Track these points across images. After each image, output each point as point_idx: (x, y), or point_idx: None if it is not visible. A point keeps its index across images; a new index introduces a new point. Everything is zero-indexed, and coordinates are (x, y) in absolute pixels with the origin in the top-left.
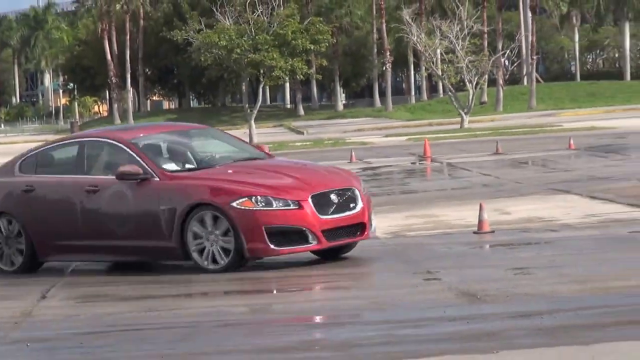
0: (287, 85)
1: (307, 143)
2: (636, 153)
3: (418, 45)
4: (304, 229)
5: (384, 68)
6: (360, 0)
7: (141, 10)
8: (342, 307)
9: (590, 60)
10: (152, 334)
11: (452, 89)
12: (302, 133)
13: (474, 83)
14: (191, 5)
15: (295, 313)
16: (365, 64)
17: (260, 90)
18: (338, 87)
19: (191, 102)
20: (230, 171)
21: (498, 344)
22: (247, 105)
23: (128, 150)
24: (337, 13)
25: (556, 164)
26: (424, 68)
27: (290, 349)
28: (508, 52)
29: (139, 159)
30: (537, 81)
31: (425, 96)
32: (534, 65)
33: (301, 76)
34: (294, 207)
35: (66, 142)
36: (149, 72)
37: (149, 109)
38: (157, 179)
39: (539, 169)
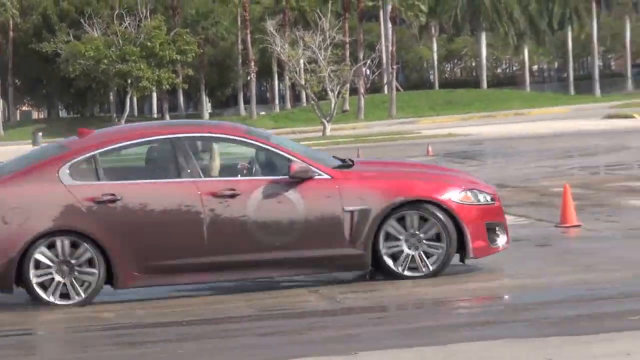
0: (155, 95)
1: None
2: (492, 159)
3: (282, 55)
4: (503, 225)
5: (249, 78)
6: (225, 12)
7: (11, 22)
8: None
9: (448, 69)
10: None
11: (314, 97)
12: None
13: (336, 92)
14: (60, 17)
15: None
16: (231, 74)
17: (128, 100)
18: (204, 97)
19: (60, 112)
20: (392, 168)
21: None
22: (115, 115)
23: (266, 146)
24: (203, 24)
25: None
26: (287, 78)
27: None
28: (369, 61)
29: (294, 156)
30: (397, 90)
31: (289, 105)
32: (394, 75)
33: (168, 86)
34: (494, 202)
35: (143, 140)
36: (18, 83)
37: (18, 118)
38: (329, 177)
39: None
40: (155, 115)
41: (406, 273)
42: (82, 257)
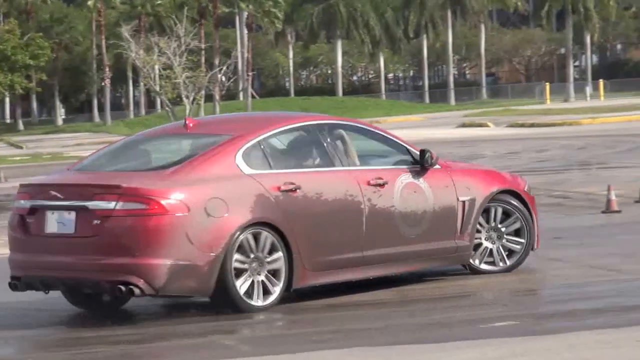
0: (7, 100)
1: (26, 157)
2: None
3: (137, 61)
4: None
5: (103, 84)
6: (80, 17)
7: None
8: None
9: (305, 76)
10: None
11: (169, 104)
12: (22, 147)
13: (191, 98)
14: None
15: None
16: (85, 79)
17: None
18: (57, 102)
19: None
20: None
21: None
22: None
23: (388, 136)
24: (57, 29)
25: None
26: (142, 84)
27: None
28: (225, 68)
29: (407, 145)
30: (253, 97)
31: (143, 111)
32: (250, 81)
33: (21, 91)
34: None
35: (293, 126)
36: None
37: None
38: (439, 167)
39: None
40: (8, 121)
41: (482, 267)
42: (273, 255)
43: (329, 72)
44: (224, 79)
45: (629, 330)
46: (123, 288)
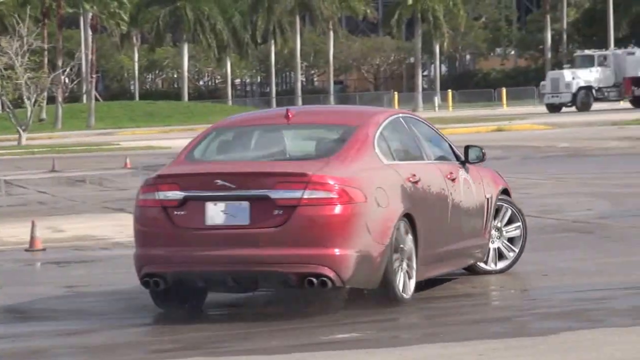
0: None
1: None
2: None
3: None
4: None
5: None
6: None
7: None
8: None
9: (150, 79)
10: None
11: (10, 105)
12: None
13: (33, 100)
14: None
15: None
16: None
17: None
18: None
19: None
20: None
21: None
22: None
23: (436, 130)
24: None
25: (112, 183)
26: None
27: None
28: (68, 69)
29: (449, 141)
30: (97, 99)
31: None
32: (94, 84)
33: None
34: None
35: (391, 118)
36: None
37: None
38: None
39: (95, 187)
40: None
41: (481, 266)
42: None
43: (175, 76)
44: (67, 80)
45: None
46: (315, 280)
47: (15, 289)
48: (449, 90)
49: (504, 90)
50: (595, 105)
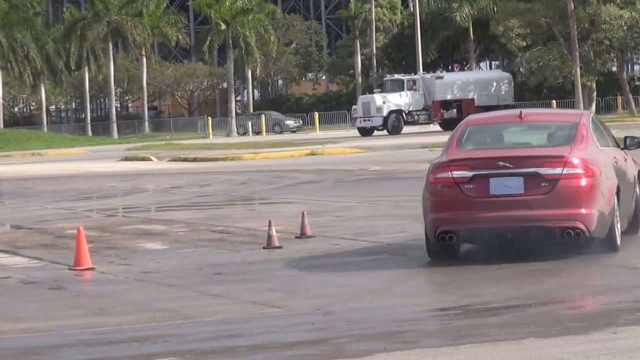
0: None
1: None
2: (8, 199)
3: None
4: None
5: None
6: None
7: None
8: None
9: None
10: None
11: None
12: None
13: None
14: None
15: None
16: None
17: None
18: None
19: None
20: None
21: None
22: None
23: (603, 124)
24: None
25: None
26: None
27: None
28: None
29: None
30: None
31: None
32: None
33: None
34: None
35: (590, 115)
36: None
37: None
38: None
39: None
40: None
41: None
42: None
43: None
44: None
45: None
46: (572, 232)
47: None
48: (262, 115)
49: (316, 114)
50: (406, 129)
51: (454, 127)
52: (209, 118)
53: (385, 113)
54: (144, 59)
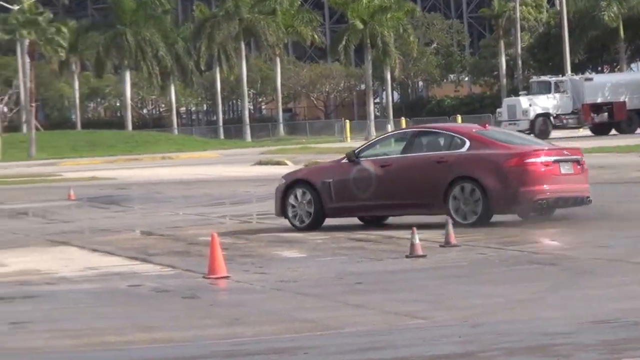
0: None
1: None
2: (139, 204)
3: None
4: None
5: None
6: None
7: None
8: None
9: (92, 108)
10: None
11: None
12: None
13: None
14: None
15: None
16: None
17: None
18: None
19: None
20: None
21: None
22: None
23: None
24: None
25: (55, 215)
26: None
27: None
28: (6, 98)
29: None
30: (37, 129)
31: None
32: (34, 112)
33: None
34: None
35: None
36: None
37: None
38: None
39: (39, 219)
40: None
41: None
42: None
43: (118, 104)
44: (5, 109)
45: None
46: (588, 200)
47: None
48: (402, 118)
49: (459, 117)
50: (554, 133)
51: (605, 132)
52: (347, 121)
53: (531, 116)
54: (278, 59)
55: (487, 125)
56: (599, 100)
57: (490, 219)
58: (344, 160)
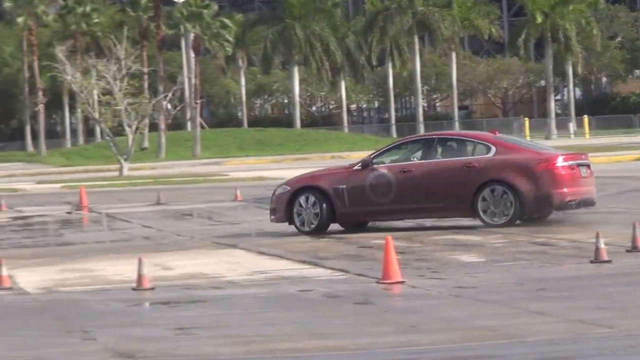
0: None
1: None
2: None
3: (73, 85)
4: None
5: (36, 109)
6: (9, 35)
7: None
8: None
9: (258, 105)
10: None
11: (110, 133)
12: None
13: (134, 127)
14: None
15: None
16: (16, 104)
17: None
18: None
19: None
20: None
21: None
22: None
23: None
24: None
25: (222, 216)
26: (79, 110)
27: None
28: (170, 94)
29: None
30: (202, 127)
31: (81, 140)
32: (198, 110)
33: None
34: None
35: None
36: None
37: None
38: None
39: (204, 221)
40: None
41: None
42: None
43: (285, 101)
44: (169, 106)
45: None
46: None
47: (123, 331)
48: (585, 116)
49: None
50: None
51: None
52: (525, 119)
53: None
54: (453, 54)
55: (496, 132)
56: None
57: (519, 219)
58: (358, 167)
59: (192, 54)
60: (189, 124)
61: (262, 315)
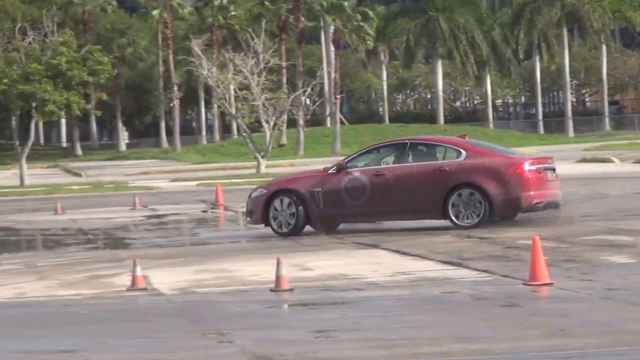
0: (63, 121)
1: (85, 186)
2: None
3: (209, 80)
4: None
5: (172, 104)
6: (144, 29)
7: None
8: None
9: (400, 100)
10: None
11: (247, 129)
12: (80, 175)
13: (272, 123)
14: None
15: None
16: (151, 99)
17: (33, 126)
18: (120, 125)
19: None
20: None
21: None
22: (17, 143)
23: None
24: (118, 42)
25: None
26: (216, 105)
27: None
28: (309, 89)
29: None
30: (342, 123)
31: (217, 137)
32: (338, 105)
33: (78, 112)
34: None
35: None
36: None
37: None
38: None
39: None
40: (65, 145)
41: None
42: None
43: (428, 96)
44: (308, 102)
45: None
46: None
47: (261, 334)
48: None
49: None
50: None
51: None
52: None
53: None
54: (604, 47)
55: (465, 136)
56: None
57: (488, 221)
58: (333, 170)
59: (332, 48)
60: (328, 120)
61: (404, 318)
